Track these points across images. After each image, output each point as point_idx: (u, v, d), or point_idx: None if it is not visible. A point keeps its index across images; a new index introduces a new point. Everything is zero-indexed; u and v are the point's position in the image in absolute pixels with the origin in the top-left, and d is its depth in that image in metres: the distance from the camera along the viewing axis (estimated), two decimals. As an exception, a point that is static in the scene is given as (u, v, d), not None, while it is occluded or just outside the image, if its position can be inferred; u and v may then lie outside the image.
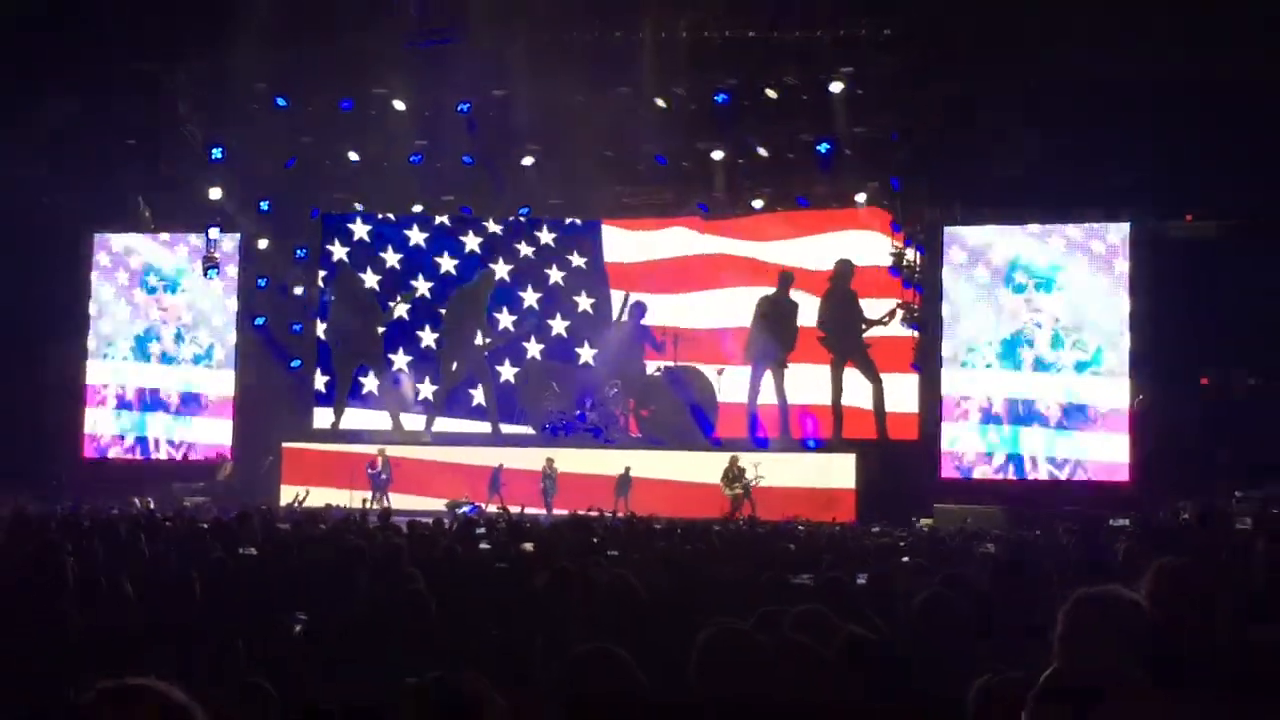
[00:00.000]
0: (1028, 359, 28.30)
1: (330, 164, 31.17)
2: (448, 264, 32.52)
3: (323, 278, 32.50)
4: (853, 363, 29.34)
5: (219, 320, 32.42)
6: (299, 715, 4.91)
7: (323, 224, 32.65)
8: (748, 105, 29.24)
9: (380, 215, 32.69)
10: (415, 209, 32.60)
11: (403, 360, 32.27)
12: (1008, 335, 28.43)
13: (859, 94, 28.47)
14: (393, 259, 32.57)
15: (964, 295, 28.79)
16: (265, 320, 31.83)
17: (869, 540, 15.83)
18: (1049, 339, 28.19)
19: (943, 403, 28.64)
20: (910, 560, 11.81)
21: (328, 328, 32.33)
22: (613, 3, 28.58)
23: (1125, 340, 27.71)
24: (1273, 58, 23.19)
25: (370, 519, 18.24)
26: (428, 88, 29.44)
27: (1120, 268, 27.92)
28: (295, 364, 32.10)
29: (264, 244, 31.71)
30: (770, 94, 28.89)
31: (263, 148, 30.06)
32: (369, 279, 32.54)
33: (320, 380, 32.31)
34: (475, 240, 32.67)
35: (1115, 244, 28.01)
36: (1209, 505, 16.62)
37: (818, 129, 29.29)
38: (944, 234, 29.00)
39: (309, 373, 32.26)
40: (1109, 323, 27.89)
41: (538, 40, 28.66)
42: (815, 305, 30.21)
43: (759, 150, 29.97)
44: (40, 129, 26.82)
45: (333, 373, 32.21)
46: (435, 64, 29.15)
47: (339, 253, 32.50)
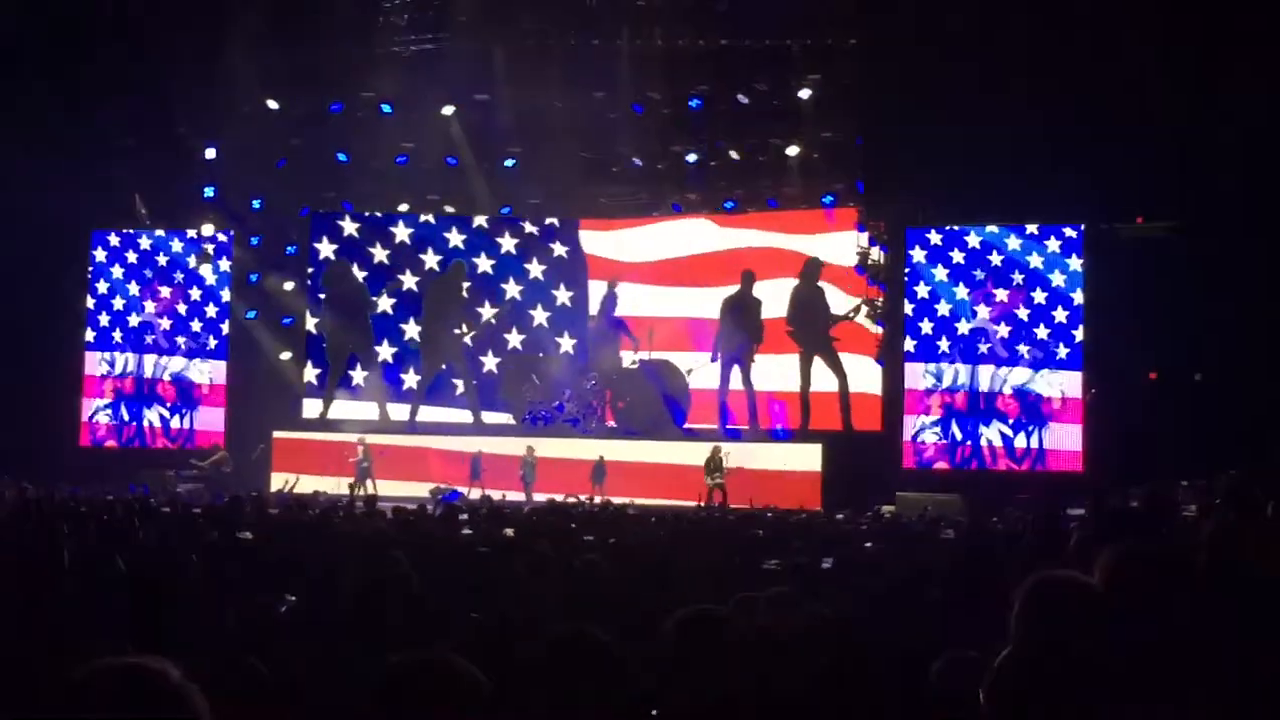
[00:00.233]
0: (987, 353, 28.38)
1: (319, 164, 31.08)
2: (432, 260, 32.40)
3: (311, 273, 32.36)
4: (820, 356, 29.34)
5: (212, 313, 32.28)
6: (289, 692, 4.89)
7: (311, 221, 32.51)
8: (720, 110, 29.36)
9: (368, 213, 32.57)
10: (401, 208, 32.50)
11: (388, 352, 32.18)
12: (967, 330, 28.51)
13: (825, 101, 28.57)
14: (380, 254, 32.47)
15: (925, 292, 28.85)
16: (256, 314, 31.72)
17: (834, 526, 15.83)
18: (1007, 334, 28.27)
19: (905, 395, 28.71)
20: (873, 545, 11.83)
21: (320, 320, 32.20)
22: (591, 12, 28.64)
23: (1079, 335, 27.83)
24: (1219, 66, 23.30)
25: (357, 505, 18.20)
26: (414, 91, 29.43)
27: (1074, 265, 28.02)
28: (285, 356, 31.98)
29: (255, 241, 31.62)
30: (742, 100, 29.00)
31: (255, 148, 29.92)
32: (357, 273, 32.42)
33: (311, 372, 32.18)
34: (459, 236, 32.59)
35: (1069, 244, 28.12)
36: (1156, 492, 16.65)
37: (786, 133, 29.39)
38: (906, 234, 29.06)
39: (299, 364, 32.14)
40: (1063, 319, 27.99)
41: (519, 47, 28.72)
42: (780, 297, 30.16)
43: (731, 153, 30.04)
44: (39, 128, 26.67)
45: (324, 364, 32.07)
46: (421, 69, 29.16)
47: (327, 249, 32.36)
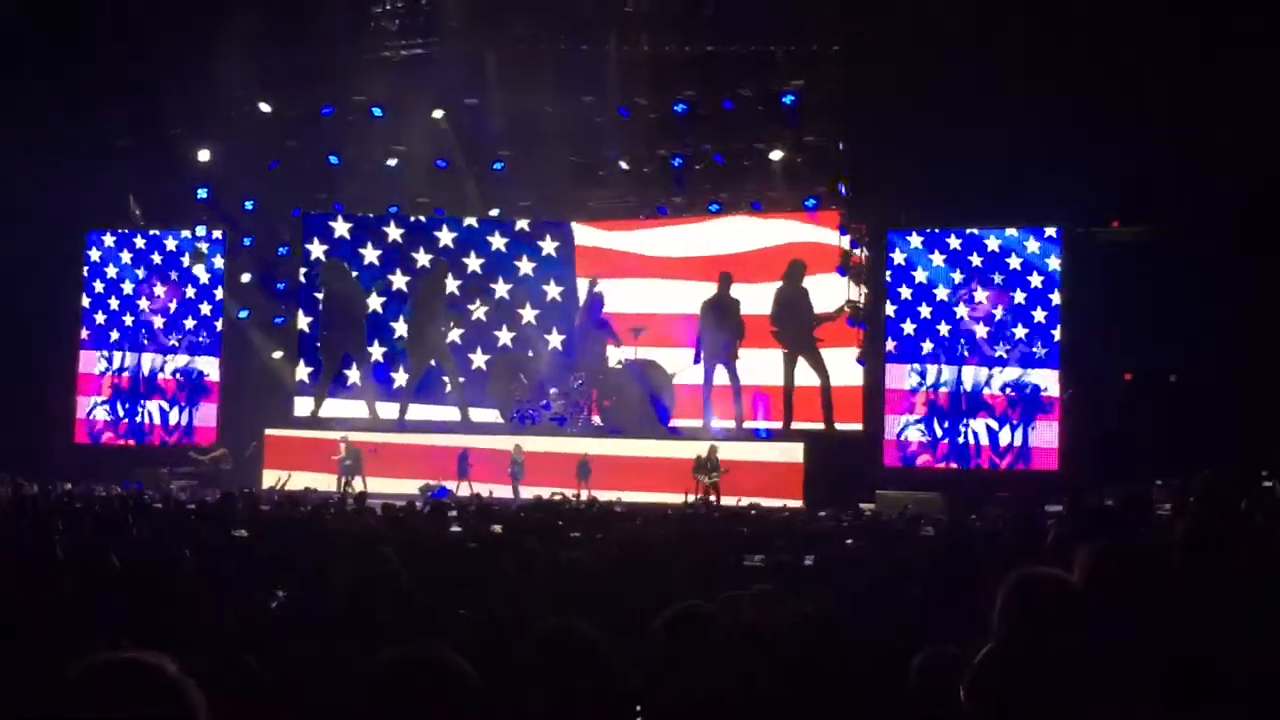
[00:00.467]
0: (967, 353, 28.44)
1: (311, 166, 31.04)
2: (424, 258, 32.35)
3: (304, 273, 32.30)
4: (804, 356, 29.34)
5: (206, 311, 32.21)
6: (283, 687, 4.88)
7: (304, 223, 32.45)
8: (705, 115, 29.36)
9: (359, 214, 32.52)
10: (392, 210, 32.46)
11: (379, 351, 32.14)
12: (948, 331, 28.55)
13: (810, 106, 28.61)
14: (371, 255, 32.42)
15: (908, 294, 28.89)
16: (249, 313, 31.66)
17: (816, 524, 15.85)
18: (986, 334, 28.33)
19: (887, 395, 28.75)
20: (854, 543, 11.83)
21: (315, 319, 32.13)
22: (580, 18, 28.63)
23: (1056, 336, 27.90)
24: (1193, 75, 23.38)
25: (348, 503, 18.18)
26: (405, 95, 29.42)
27: (1053, 265, 28.10)
28: (277, 355, 31.92)
29: (248, 241, 31.57)
30: (726, 105, 29.03)
31: (248, 150, 29.88)
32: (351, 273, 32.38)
33: (303, 370, 32.11)
34: (450, 235, 32.56)
35: (1047, 245, 28.18)
36: (1132, 491, 16.71)
37: (770, 138, 29.42)
38: (888, 236, 29.10)
39: (291, 363, 32.09)
40: (1041, 320, 28.06)
41: (509, 52, 28.71)
42: (762, 294, 30.21)
43: (715, 157, 30.08)
44: (34, 129, 26.60)
45: (317, 362, 32.00)
46: (412, 73, 29.14)
47: (318, 250, 32.31)
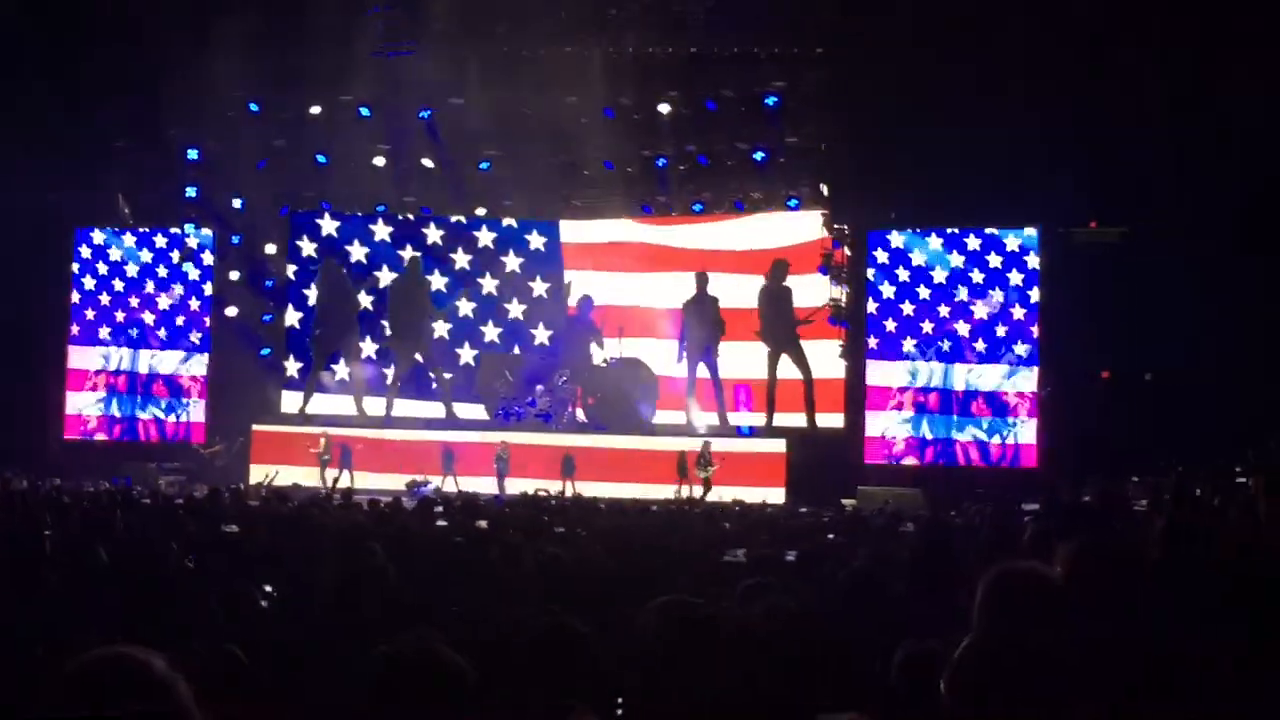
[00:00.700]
0: (948, 351, 28.49)
1: (300, 165, 30.99)
2: (410, 256, 32.33)
3: (294, 270, 32.24)
4: (787, 353, 29.39)
5: (195, 306, 32.11)
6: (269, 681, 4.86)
7: (291, 221, 32.39)
8: (689, 116, 29.38)
9: (346, 213, 32.48)
10: (379, 209, 32.43)
11: (370, 348, 32.09)
12: (931, 329, 28.60)
13: (792, 107, 28.66)
14: (359, 253, 32.39)
15: (888, 293, 28.93)
16: (238, 311, 31.60)
17: (797, 520, 15.85)
18: (967, 332, 28.38)
19: (867, 393, 28.79)
20: (835, 538, 11.84)
21: (314, 316, 32.09)
22: (564, 20, 28.60)
23: (1035, 335, 27.97)
24: (1167, 80, 23.45)
25: (334, 498, 18.13)
26: (391, 95, 29.40)
27: (1031, 263, 28.18)
28: (265, 352, 31.89)
29: (237, 239, 31.50)
30: (710, 106, 29.06)
31: (236, 150, 29.81)
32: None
33: (293, 366, 32.07)
34: (437, 233, 32.55)
35: (1026, 246, 28.26)
36: (1108, 488, 16.77)
37: (753, 138, 29.47)
38: (869, 236, 29.14)
39: (278, 360, 32.03)
40: (1020, 319, 28.13)
41: (494, 53, 28.66)
42: (744, 287, 30.34)
43: (699, 158, 30.11)
44: (25, 129, 26.51)
45: (307, 358, 31.96)
46: (398, 73, 29.11)
47: (307, 248, 32.27)
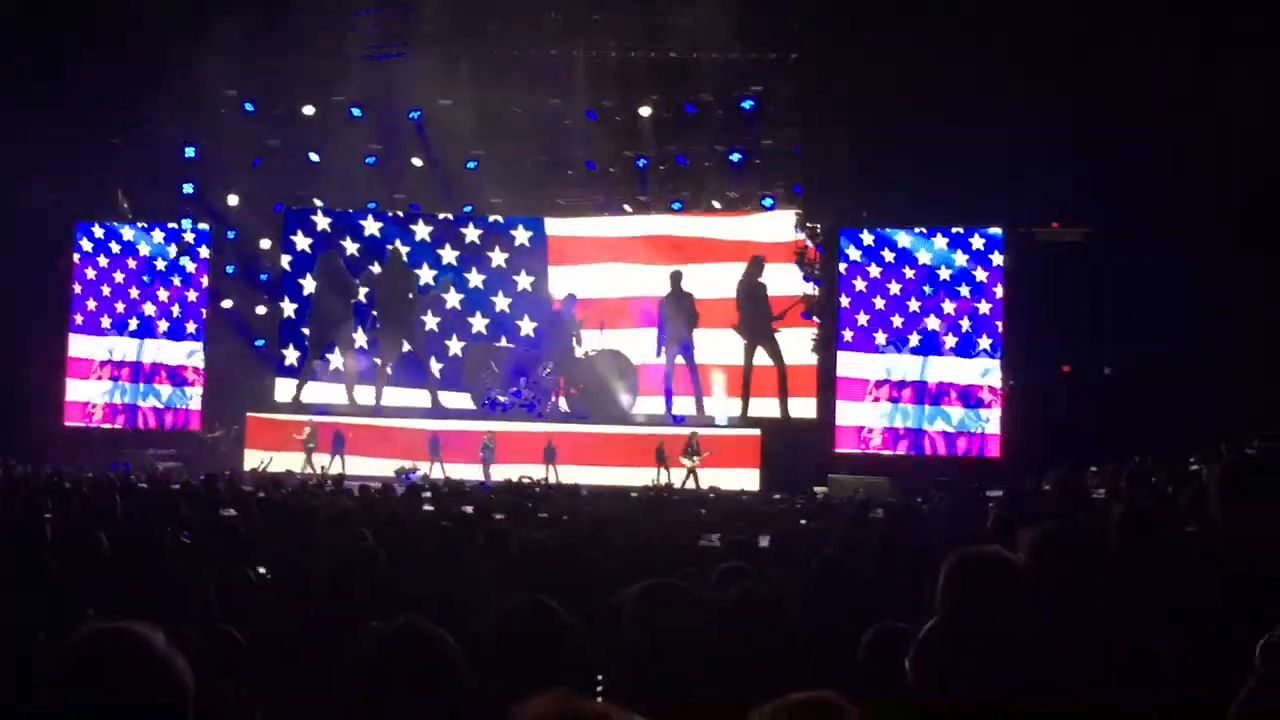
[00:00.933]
0: (916, 345, 28.57)
1: (293, 163, 30.92)
2: (392, 248, 32.27)
3: (288, 262, 32.15)
4: (763, 346, 29.46)
5: (192, 298, 31.95)
6: (265, 661, 4.86)
7: (285, 217, 32.32)
8: (669, 118, 29.44)
9: (338, 209, 32.42)
10: (370, 206, 32.38)
11: (362, 339, 32.04)
12: (899, 324, 28.67)
13: (768, 110, 28.74)
14: (351, 248, 32.34)
15: (860, 287, 28.99)
16: (233, 303, 31.52)
17: (770, 506, 15.89)
18: (937, 326, 28.45)
19: (839, 383, 28.85)
20: (807, 524, 11.88)
21: (311, 307, 32.03)
22: (550, 24, 28.63)
23: (999, 330, 28.06)
24: (1129, 85, 23.51)
25: (326, 484, 18.11)
26: (382, 96, 29.38)
27: (996, 261, 28.27)
28: (259, 343, 31.82)
29: (232, 234, 31.42)
30: (689, 109, 29.12)
31: (232, 148, 29.73)
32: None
33: (292, 355, 31.98)
34: (425, 229, 32.54)
35: (991, 243, 28.34)
36: (1067, 476, 16.80)
37: (730, 140, 29.54)
38: (840, 234, 29.20)
39: (272, 350, 31.97)
40: (986, 312, 28.23)
41: (481, 56, 28.66)
42: (719, 276, 30.48)
43: (678, 158, 30.17)
44: (28, 127, 26.38)
45: (303, 348, 31.89)
46: (389, 75, 29.08)
47: (301, 242, 32.22)
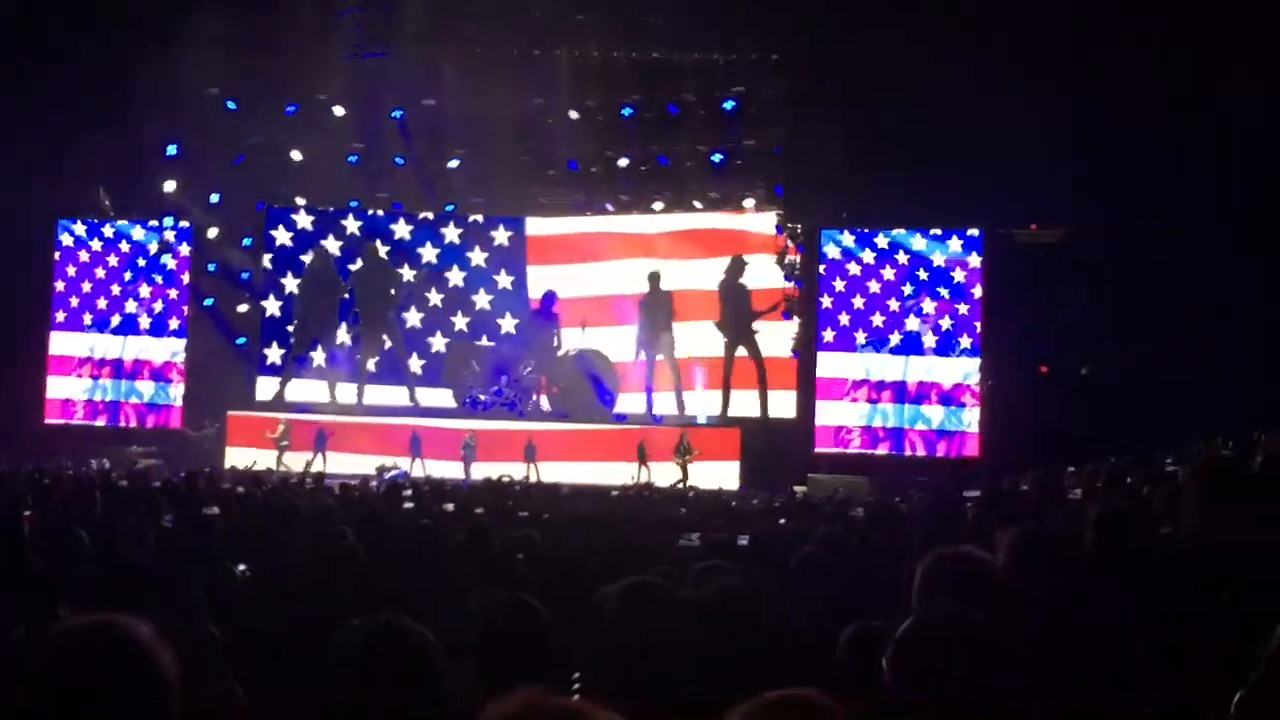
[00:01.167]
0: (896, 345, 28.65)
1: (275, 162, 30.83)
2: (381, 250, 32.24)
3: (270, 260, 32.06)
4: (743, 346, 29.51)
5: (173, 295, 31.82)
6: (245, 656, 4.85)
7: (267, 215, 32.22)
8: (651, 119, 29.46)
9: (320, 208, 32.35)
10: (352, 204, 32.31)
11: (345, 335, 31.96)
12: (879, 323, 28.75)
13: (749, 111, 28.78)
14: (332, 246, 32.27)
15: (839, 289, 29.05)
16: (214, 301, 31.41)
17: (749, 505, 15.91)
18: (916, 326, 28.54)
19: (819, 384, 28.93)
20: (786, 523, 11.89)
21: (297, 303, 31.93)
22: (533, 24, 28.60)
23: (978, 330, 28.16)
24: (1127, 85, 23.61)
25: (307, 482, 18.09)
26: (365, 95, 29.33)
27: (974, 263, 28.37)
28: (241, 341, 31.72)
29: (214, 233, 31.28)
30: (671, 109, 29.14)
31: (214, 146, 29.62)
32: (307, 262, 32.14)
33: (274, 353, 31.86)
34: (406, 228, 32.48)
35: (969, 243, 28.45)
36: (1044, 477, 16.86)
37: (712, 141, 29.57)
38: (820, 235, 29.27)
39: (253, 348, 31.87)
40: (964, 312, 28.32)
41: (464, 56, 28.62)
42: (698, 271, 30.61)
43: (660, 159, 30.19)
44: (10, 124, 26.27)
45: (287, 345, 31.80)
46: (372, 75, 29.04)
47: (283, 238, 32.13)
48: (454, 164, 31.00)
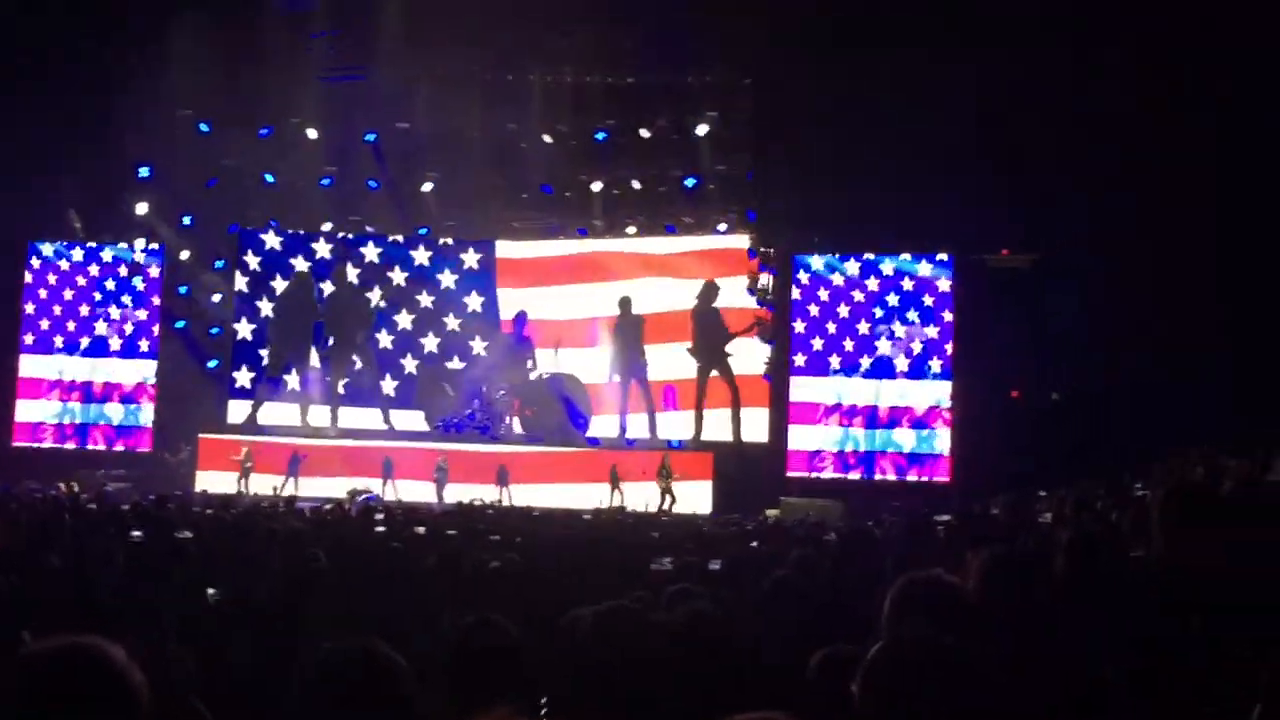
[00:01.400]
0: (868, 369, 28.71)
1: (248, 184, 30.76)
2: (351, 273, 32.13)
3: (245, 283, 31.88)
4: (716, 370, 29.51)
5: (142, 316, 31.60)
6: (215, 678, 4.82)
7: (240, 237, 32.06)
8: (624, 143, 29.58)
9: (290, 231, 32.21)
10: (325, 227, 32.20)
11: (315, 359, 31.82)
12: (850, 347, 28.81)
13: (721, 136, 28.92)
14: (301, 268, 32.10)
15: (813, 313, 29.11)
16: (186, 324, 31.23)
17: (722, 529, 15.90)
18: (888, 349, 28.61)
19: (792, 408, 28.95)
20: (758, 546, 11.89)
21: (271, 326, 31.80)
22: (505, 48, 28.70)
23: (948, 354, 28.25)
24: (1072, 116, 23.79)
25: (279, 505, 18.01)
26: (339, 118, 29.35)
27: (943, 287, 28.47)
28: (212, 364, 31.54)
29: (185, 255, 31.15)
30: (643, 133, 29.25)
31: (187, 168, 29.53)
32: (279, 286, 31.98)
33: (242, 377, 31.65)
34: (375, 250, 32.37)
35: (939, 268, 28.55)
36: (1015, 501, 16.92)
37: (685, 165, 29.68)
38: (793, 260, 29.34)
39: (225, 371, 31.68)
40: (934, 339, 28.41)
41: (437, 79, 28.68)
42: (672, 291, 30.64)
43: (633, 183, 30.27)
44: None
45: (258, 369, 31.58)
46: (345, 97, 29.07)
47: (253, 263, 31.97)
48: (428, 187, 31.02)
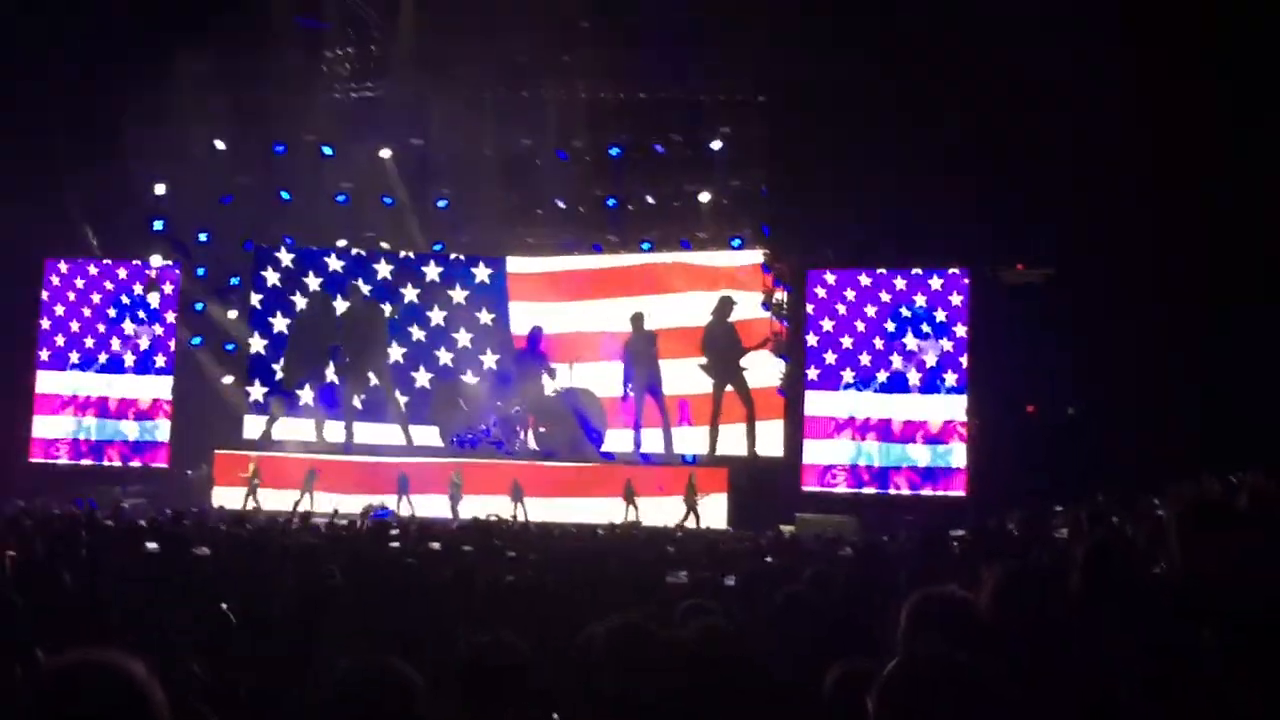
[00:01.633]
0: (883, 383, 28.65)
1: (263, 201, 30.85)
2: (364, 289, 32.16)
3: (259, 300, 31.91)
4: (732, 385, 29.49)
5: (158, 332, 31.67)
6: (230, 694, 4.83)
7: (255, 254, 32.11)
8: (638, 159, 29.63)
9: (303, 247, 32.26)
10: (339, 243, 32.27)
11: (332, 374, 31.87)
12: (866, 362, 28.76)
13: (735, 152, 28.95)
14: (314, 284, 32.15)
15: (826, 328, 29.07)
16: (202, 340, 31.31)
17: (737, 545, 15.88)
18: (901, 364, 28.55)
19: (805, 422, 28.90)
20: (774, 561, 11.87)
21: (289, 342, 31.87)
22: (519, 65, 28.80)
23: (963, 367, 28.17)
24: (1092, 130, 23.73)
25: (294, 521, 18.03)
26: (353, 135, 29.45)
27: (955, 301, 28.41)
28: (228, 379, 31.60)
29: (201, 271, 31.26)
30: (658, 149, 29.30)
31: (202, 185, 29.63)
32: (299, 301, 32.05)
33: (257, 392, 31.65)
34: (387, 267, 32.42)
35: (950, 282, 28.48)
36: (1030, 517, 16.85)
37: (699, 181, 29.72)
38: (808, 275, 29.31)
39: (241, 387, 31.73)
40: (949, 352, 28.35)
41: (452, 95, 28.76)
42: (686, 306, 30.66)
43: (647, 198, 30.32)
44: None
45: (273, 384, 31.56)
46: (360, 114, 29.17)
47: (271, 278, 32.01)
48: (442, 203, 31.10)
